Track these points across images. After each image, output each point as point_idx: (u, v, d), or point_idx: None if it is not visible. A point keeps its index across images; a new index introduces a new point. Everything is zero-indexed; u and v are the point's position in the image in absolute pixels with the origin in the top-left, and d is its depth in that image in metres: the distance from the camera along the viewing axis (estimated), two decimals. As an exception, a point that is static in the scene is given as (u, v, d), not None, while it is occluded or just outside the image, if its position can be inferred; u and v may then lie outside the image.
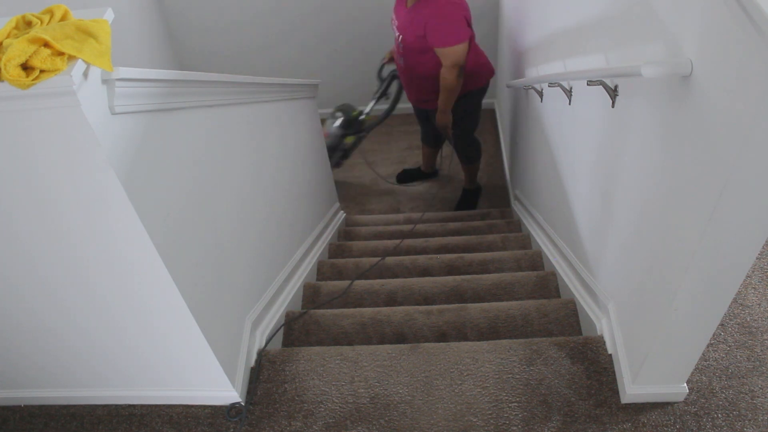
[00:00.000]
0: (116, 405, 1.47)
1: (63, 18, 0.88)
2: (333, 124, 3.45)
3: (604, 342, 1.46)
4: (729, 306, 1.17)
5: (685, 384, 1.31)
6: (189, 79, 1.25)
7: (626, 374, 1.32)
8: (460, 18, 2.38)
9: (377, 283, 2.13)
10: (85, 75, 0.81)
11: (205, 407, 1.44)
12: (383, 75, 3.30)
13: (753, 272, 1.69)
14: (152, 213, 1.01)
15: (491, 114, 4.30)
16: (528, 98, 2.61)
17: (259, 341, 1.61)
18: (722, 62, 0.78)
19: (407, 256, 2.48)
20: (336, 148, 3.43)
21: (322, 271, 2.41)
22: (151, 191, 1.03)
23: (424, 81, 2.63)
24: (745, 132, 0.74)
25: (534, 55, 2.44)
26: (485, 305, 1.82)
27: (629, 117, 1.21)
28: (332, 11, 3.79)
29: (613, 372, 1.39)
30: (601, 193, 1.46)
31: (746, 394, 1.35)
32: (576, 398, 1.35)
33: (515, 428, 1.31)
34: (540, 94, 2.23)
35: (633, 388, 1.30)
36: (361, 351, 1.53)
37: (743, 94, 0.74)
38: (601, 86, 1.30)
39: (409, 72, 2.68)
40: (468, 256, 2.39)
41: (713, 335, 1.46)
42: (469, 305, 1.83)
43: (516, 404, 1.35)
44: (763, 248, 1.77)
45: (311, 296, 2.10)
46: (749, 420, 1.29)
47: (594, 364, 1.42)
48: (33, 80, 0.77)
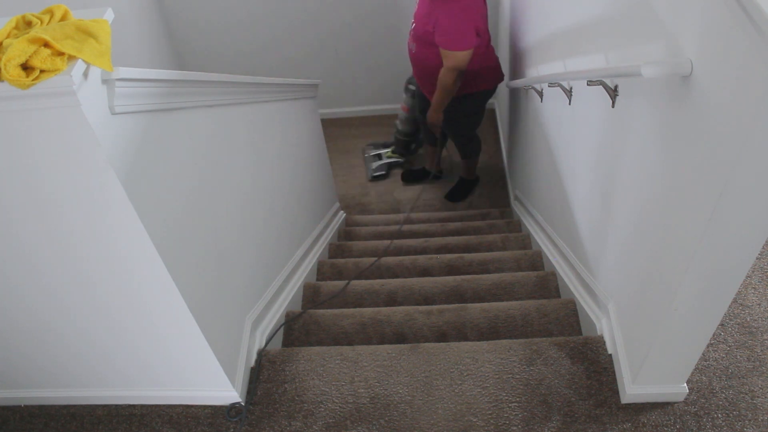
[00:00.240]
0: (116, 405, 1.47)
1: (63, 18, 0.88)
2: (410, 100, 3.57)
3: (604, 342, 1.46)
4: (729, 306, 1.17)
5: (685, 384, 1.31)
6: (189, 79, 1.25)
7: (626, 374, 1.32)
8: (470, 27, 2.45)
9: (377, 283, 2.13)
10: (85, 75, 0.81)
11: (205, 407, 1.44)
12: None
13: (753, 272, 1.69)
14: (152, 213, 1.01)
15: (491, 114, 4.30)
16: (528, 98, 2.61)
17: (259, 341, 1.61)
18: (722, 62, 0.78)
19: (407, 256, 2.48)
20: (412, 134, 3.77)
21: (322, 271, 2.41)
22: (151, 191, 1.03)
23: (431, 71, 2.71)
24: (745, 132, 0.74)
25: (534, 55, 2.44)
26: (485, 305, 1.82)
27: (629, 117, 1.21)
28: (332, 11, 3.79)
29: (613, 372, 1.39)
30: (601, 193, 1.46)
31: (746, 394, 1.35)
32: (576, 398, 1.35)
33: (515, 428, 1.31)
34: (540, 94, 2.23)
35: (633, 388, 1.30)
36: (361, 351, 1.53)
37: (743, 94, 0.74)
38: (601, 86, 1.30)
39: (419, 58, 2.77)
40: (468, 256, 2.39)
41: (713, 335, 1.46)
42: (469, 305, 1.83)
43: (516, 404, 1.35)
44: (763, 248, 1.76)
45: (311, 296, 2.10)
46: (749, 420, 1.29)
47: (594, 364, 1.42)
48: (33, 80, 0.77)
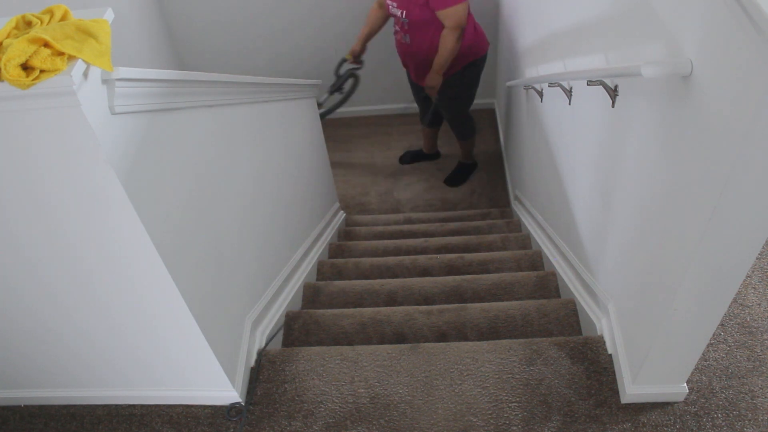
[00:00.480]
0: (116, 405, 1.47)
1: (63, 18, 0.88)
2: None
3: (604, 342, 1.46)
4: (729, 306, 1.17)
5: (685, 384, 1.31)
6: (189, 79, 1.25)
7: (626, 374, 1.32)
8: None
9: (377, 283, 2.13)
10: (85, 75, 0.81)
11: (205, 407, 1.44)
12: (340, 72, 3.50)
13: (753, 272, 1.69)
14: (152, 213, 1.01)
15: (491, 114, 4.30)
16: (528, 98, 2.61)
17: (259, 341, 1.61)
18: (722, 62, 0.78)
19: (407, 256, 2.48)
20: None
21: (322, 271, 2.41)
22: (152, 191, 1.03)
23: (427, 55, 2.75)
24: (745, 132, 0.74)
25: (534, 55, 2.44)
26: (485, 305, 1.82)
27: (629, 117, 1.21)
28: (332, 12, 3.79)
29: (613, 372, 1.39)
30: (601, 193, 1.46)
31: (746, 394, 1.35)
32: (576, 398, 1.35)
33: (515, 428, 1.31)
34: (540, 94, 2.23)
35: (633, 388, 1.30)
36: (361, 351, 1.53)
37: (743, 94, 0.74)
38: (601, 86, 1.30)
39: (414, 49, 2.80)
40: (468, 256, 2.39)
41: (713, 335, 1.46)
42: (469, 305, 1.83)
43: (516, 404, 1.35)
44: (763, 248, 1.76)
45: (311, 296, 2.10)
46: (749, 420, 1.29)
47: (594, 364, 1.42)
48: (33, 80, 0.77)
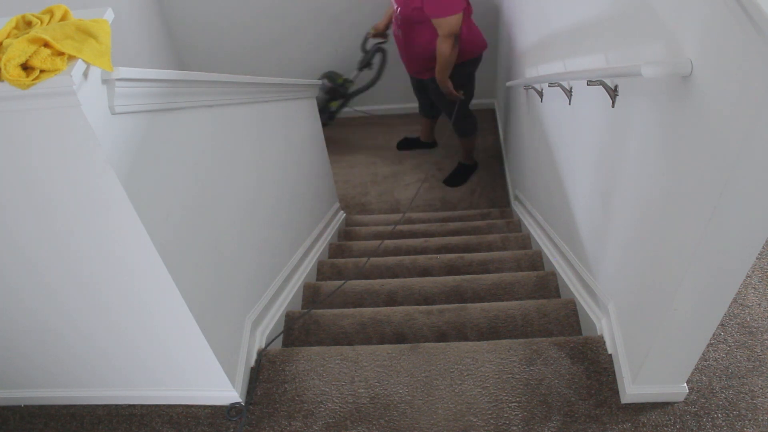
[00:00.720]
0: (116, 405, 1.47)
1: (63, 18, 0.88)
2: (319, 89, 3.74)
3: (604, 342, 1.46)
4: (729, 306, 1.17)
5: (685, 384, 1.31)
6: (189, 79, 1.25)
7: (626, 374, 1.32)
8: None
9: (377, 283, 2.13)
10: (85, 75, 0.81)
11: (205, 407, 1.44)
12: (367, 47, 3.55)
13: (753, 272, 1.69)
14: (153, 213, 1.01)
15: (491, 114, 4.30)
16: (528, 98, 2.61)
17: (259, 341, 1.61)
18: (722, 62, 0.78)
19: (407, 256, 2.48)
20: (322, 111, 3.76)
21: (322, 271, 2.41)
22: (152, 191, 1.03)
23: (421, 51, 2.78)
24: (745, 132, 0.74)
25: (534, 55, 2.44)
26: (485, 305, 1.82)
27: (629, 117, 1.21)
28: (332, 12, 3.79)
29: (613, 372, 1.39)
30: (601, 193, 1.46)
31: (746, 394, 1.35)
32: (576, 398, 1.35)
33: (515, 428, 1.31)
34: (540, 94, 2.23)
35: (633, 388, 1.30)
36: (361, 351, 1.53)
37: (743, 94, 0.74)
38: (601, 86, 1.30)
39: (407, 43, 2.83)
40: (468, 256, 2.39)
41: (713, 335, 1.46)
42: (469, 305, 1.83)
43: (516, 404, 1.35)
44: (763, 248, 1.76)
45: (311, 296, 2.10)
46: (749, 420, 1.29)
47: (594, 364, 1.42)
48: (33, 80, 0.77)
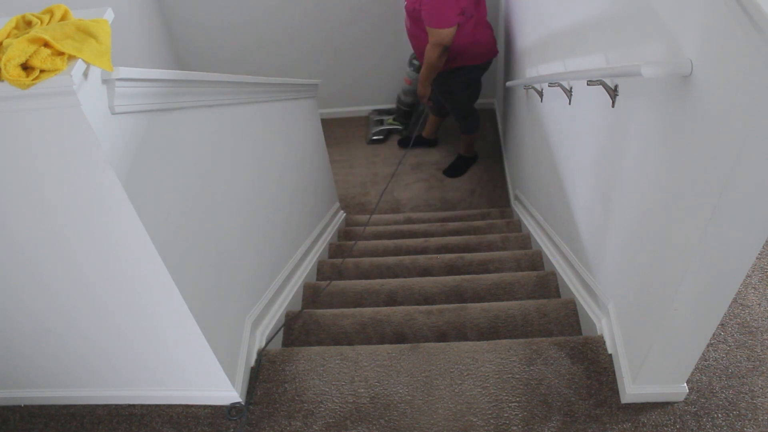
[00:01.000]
0: (116, 405, 1.47)
1: (63, 18, 0.88)
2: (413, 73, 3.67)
3: (604, 342, 1.46)
4: (729, 306, 1.17)
5: (685, 384, 1.31)
6: (189, 79, 1.25)
7: (626, 374, 1.32)
8: (452, 5, 2.56)
9: (377, 283, 2.13)
10: (85, 75, 0.81)
11: (205, 407, 1.44)
12: (421, 107, 3.65)
13: (753, 272, 1.69)
14: (153, 213, 1.01)
15: (491, 114, 4.30)
16: (528, 98, 2.61)
17: (259, 341, 1.61)
18: (722, 62, 0.78)
19: (407, 256, 2.48)
20: (386, 120, 3.99)
21: (322, 271, 2.41)
22: (152, 191, 1.02)
23: (422, 45, 2.82)
24: (745, 132, 0.74)
25: (534, 55, 2.44)
26: (485, 305, 1.82)
27: (629, 117, 1.21)
28: (332, 11, 3.79)
29: (613, 372, 1.39)
30: (601, 193, 1.46)
31: (746, 394, 1.35)
32: (576, 398, 1.35)
33: (515, 428, 1.31)
34: (540, 94, 2.23)
35: (633, 388, 1.30)
36: (361, 351, 1.53)
37: (743, 94, 0.74)
38: (601, 86, 1.30)
39: (413, 35, 2.89)
40: (468, 256, 2.39)
41: (713, 335, 1.46)
42: (469, 305, 1.83)
43: (516, 404, 1.35)
44: (763, 248, 1.76)
45: (311, 296, 2.10)
46: (749, 420, 1.29)
47: (594, 364, 1.42)
48: (33, 80, 0.77)
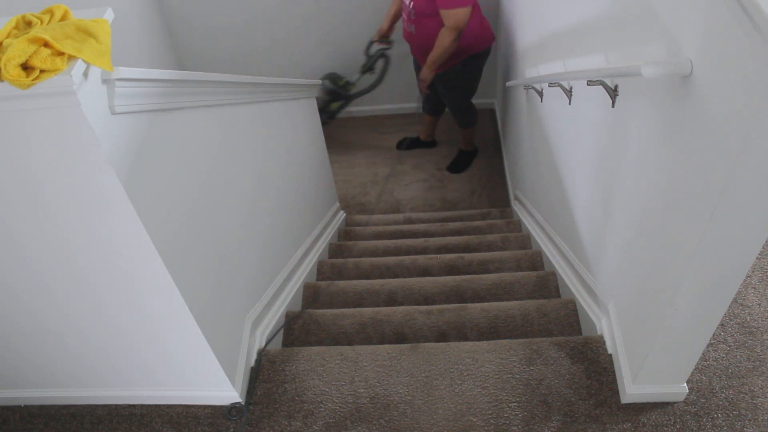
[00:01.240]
0: (116, 405, 1.47)
1: (63, 18, 0.88)
2: (321, 89, 3.78)
3: (604, 342, 1.46)
4: (729, 306, 1.17)
5: (685, 384, 1.31)
6: (189, 79, 1.25)
7: (626, 374, 1.32)
8: None
9: (377, 283, 2.13)
10: (85, 75, 0.81)
11: (205, 407, 1.44)
12: (371, 52, 3.58)
13: (753, 272, 1.69)
14: (153, 213, 1.01)
15: (491, 114, 4.30)
16: (528, 98, 2.61)
17: (259, 341, 1.61)
18: (722, 62, 0.78)
19: (407, 256, 2.48)
20: (322, 111, 3.79)
21: (322, 271, 2.41)
22: (152, 191, 1.02)
23: (430, 46, 2.81)
24: (745, 132, 0.74)
25: (534, 55, 2.44)
26: (485, 305, 1.82)
27: (629, 117, 1.21)
28: (332, 11, 3.80)
29: (613, 372, 1.39)
30: (601, 193, 1.46)
31: (746, 394, 1.35)
32: (576, 398, 1.35)
33: (515, 428, 1.31)
34: (540, 94, 2.23)
35: (633, 388, 1.30)
36: (361, 351, 1.53)
37: (743, 94, 0.74)
38: (601, 86, 1.30)
39: (419, 38, 2.88)
40: (468, 256, 2.39)
41: (713, 335, 1.46)
42: (469, 305, 1.83)
43: (516, 404, 1.35)
44: (763, 248, 1.77)
45: (311, 296, 2.10)
46: (749, 420, 1.29)
47: (594, 364, 1.42)
48: (33, 80, 0.77)
